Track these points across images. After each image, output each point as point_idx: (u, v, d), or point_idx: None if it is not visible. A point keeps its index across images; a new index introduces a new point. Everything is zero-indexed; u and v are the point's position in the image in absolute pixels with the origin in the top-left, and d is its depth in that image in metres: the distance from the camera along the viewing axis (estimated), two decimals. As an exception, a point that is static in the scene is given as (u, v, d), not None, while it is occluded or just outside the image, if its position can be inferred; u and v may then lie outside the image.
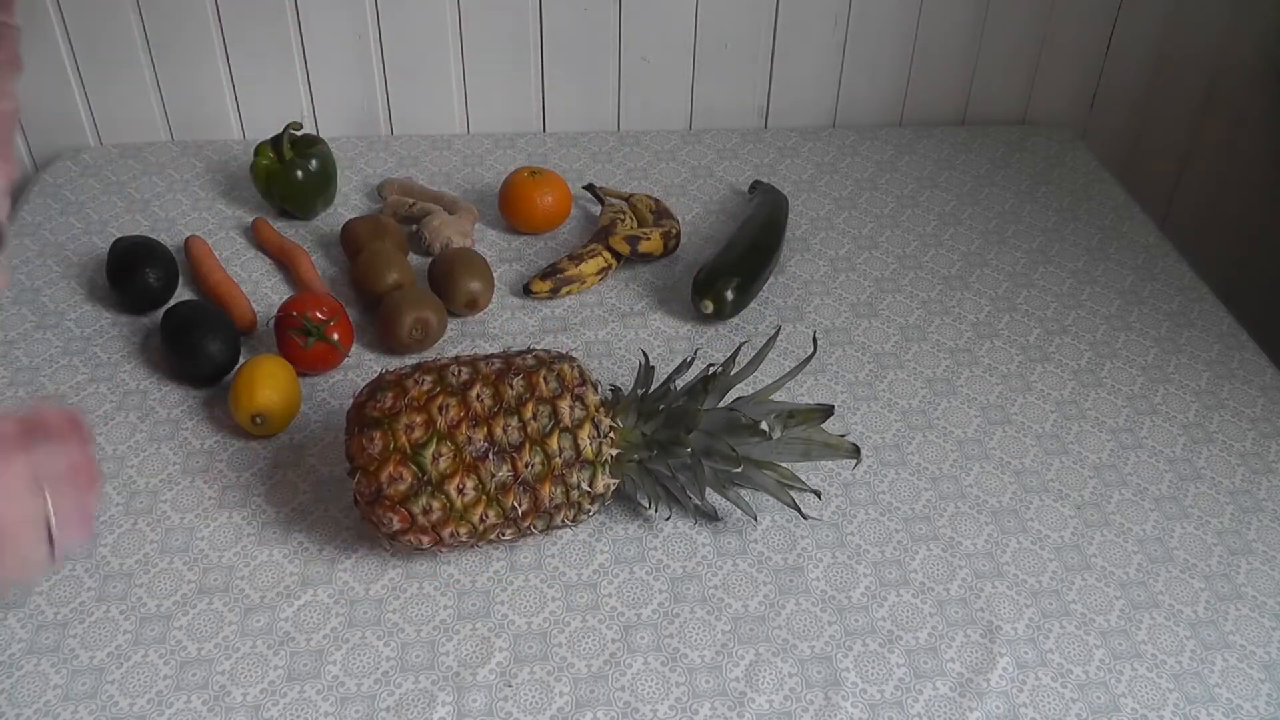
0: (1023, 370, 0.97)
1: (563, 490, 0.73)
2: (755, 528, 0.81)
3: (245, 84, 1.22)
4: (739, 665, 0.71)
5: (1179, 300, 1.07)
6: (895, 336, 1.00)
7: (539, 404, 0.72)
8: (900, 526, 0.82)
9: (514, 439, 0.71)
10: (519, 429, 0.71)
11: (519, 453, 0.71)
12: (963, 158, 1.29)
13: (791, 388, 0.93)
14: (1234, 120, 1.41)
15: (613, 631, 0.73)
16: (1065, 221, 1.18)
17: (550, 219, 1.10)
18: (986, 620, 0.75)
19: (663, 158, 1.25)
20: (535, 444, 0.71)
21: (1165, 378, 0.97)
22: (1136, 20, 1.30)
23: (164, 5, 1.15)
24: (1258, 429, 0.92)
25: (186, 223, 1.10)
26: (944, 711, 0.69)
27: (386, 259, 0.98)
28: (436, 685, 0.69)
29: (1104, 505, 0.84)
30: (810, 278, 1.07)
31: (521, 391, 0.72)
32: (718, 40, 1.26)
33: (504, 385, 0.72)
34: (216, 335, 0.90)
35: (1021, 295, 1.06)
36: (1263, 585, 0.79)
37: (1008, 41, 1.30)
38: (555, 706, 0.68)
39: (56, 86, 1.18)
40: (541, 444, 0.72)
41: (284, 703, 0.68)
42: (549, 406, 0.72)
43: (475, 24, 1.21)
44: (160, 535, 0.78)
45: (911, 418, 0.91)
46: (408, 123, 1.27)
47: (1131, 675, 0.72)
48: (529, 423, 0.72)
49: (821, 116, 1.34)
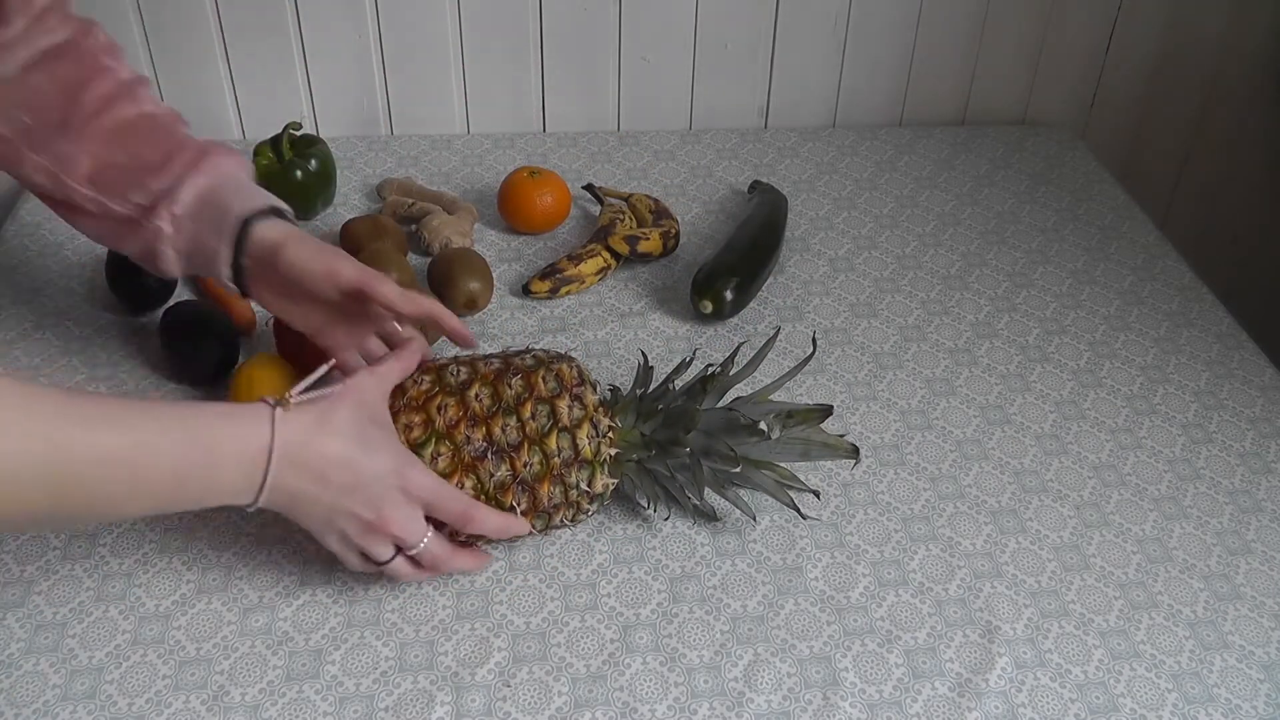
0: (1022, 370, 0.97)
1: (561, 490, 0.73)
2: (754, 528, 0.81)
3: (245, 84, 1.22)
4: (738, 665, 0.71)
5: (1178, 300, 1.07)
6: (895, 336, 1.00)
7: (537, 404, 0.72)
8: (899, 526, 0.82)
9: (512, 439, 0.71)
10: (517, 429, 0.71)
11: (517, 452, 0.71)
12: (962, 158, 1.29)
13: (791, 388, 0.93)
14: (1234, 120, 1.40)
15: (611, 631, 0.73)
16: (1065, 221, 1.18)
17: (550, 219, 1.10)
18: (985, 620, 0.75)
19: (662, 158, 1.25)
20: (534, 444, 0.71)
21: (1164, 378, 0.97)
22: (1136, 20, 1.30)
23: (164, 5, 1.15)
24: (1257, 429, 0.92)
25: (186, 223, 1.10)
26: (943, 711, 0.69)
27: (386, 259, 0.98)
28: (435, 685, 0.69)
29: (1103, 505, 0.84)
30: (810, 278, 1.07)
31: (520, 391, 0.72)
32: (718, 40, 1.26)
33: (502, 385, 0.72)
34: (216, 335, 0.90)
35: (1021, 295, 1.06)
36: (1262, 585, 0.79)
37: (1008, 41, 1.30)
38: (554, 706, 0.68)
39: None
40: (540, 444, 0.72)
41: (283, 702, 0.68)
42: (548, 406, 0.72)
43: (475, 24, 1.21)
44: (159, 535, 0.78)
45: (911, 418, 0.91)
46: (408, 123, 1.27)
47: (1130, 675, 0.72)
48: (527, 422, 0.72)
49: (821, 116, 1.34)
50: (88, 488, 0.57)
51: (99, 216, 0.77)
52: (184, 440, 0.60)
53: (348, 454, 0.65)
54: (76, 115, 0.76)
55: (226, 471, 0.62)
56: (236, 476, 0.62)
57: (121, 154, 0.76)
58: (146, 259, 0.78)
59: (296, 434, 0.64)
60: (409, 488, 0.68)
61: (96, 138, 0.76)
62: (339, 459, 0.65)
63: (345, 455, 0.65)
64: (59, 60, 0.78)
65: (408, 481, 0.68)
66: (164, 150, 0.77)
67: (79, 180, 0.76)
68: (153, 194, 0.75)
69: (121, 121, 0.78)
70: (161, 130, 0.79)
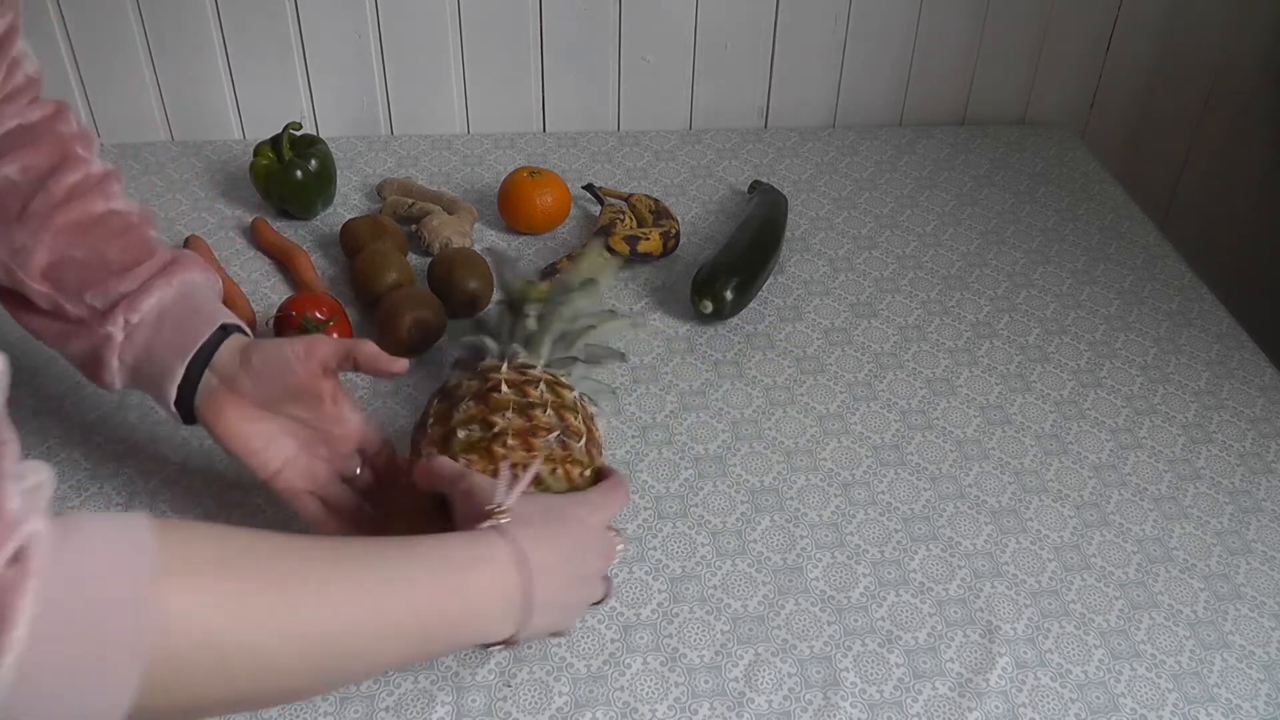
0: (1022, 370, 0.97)
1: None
2: (754, 528, 0.81)
3: (245, 84, 1.22)
4: (738, 665, 0.71)
5: (1178, 300, 1.07)
6: (895, 336, 1.00)
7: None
8: (899, 526, 0.82)
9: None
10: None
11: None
12: (962, 158, 1.29)
13: (790, 387, 0.93)
14: (1234, 120, 1.41)
15: (612, 631, 0.73)
16: (1065, 221, 1.18)
17: (550, 219, 1.10)
18: (986, 620, 0.75)
19: (662, 158, 1.25)
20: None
21: (1165, 378, 0.97)
22: (1136, 20, 1.31)
23: (164, 5, 1.15)
24: (1257, 429, 0.92)
25: (186, 223, 1.10)
26: (943, 711, 0.69)
27: (386, 259, 0.98)
28: (436, 685, 0.69)
29: (1103, 505, 0.84)
30: (810, 278, 1.07)
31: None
32: (718, 40, 1.26)
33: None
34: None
35: (1021, 295, 1.06)
36: (1262, 585, 0.79)
37: (1008, 42, 1.30)
38: (554, 706, 0.68)
39: (56, 86, 1.18)
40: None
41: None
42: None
43: (475, 24, 1.21)
44: (160, 535, 0.78)
45: (911, 418, 0.91)
46: (408, 123, 1.27)
47: (1131, 675, 0.72)
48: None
49: (821, 116, 1.34)
50: (343, 666, 0.56)
51: (49, 315, 0.72)
52: (442, 610, 0.58)
53: (554, 540, 0.64)
54: (41, 204, 0.71)
55: (490, 619, 0.60)
56: (497, 615, 0.61)
57: (82, 250, 0.71)
58: (87, 365, 0.73)
59: (529, 550, 0.61)
60: (593, 521, 0.67)
61: (59, 230, 0.71)
62: (555, 552, 0.63)
63: (555, 546, 0.64)
64: (29, 145, 0.73)
65: (589, 516, 0.67)
66: (131, 253, 0.72)
67: (33, 274, 0.71)
68: (111, 298, 0.70)
69: (87, 216, 0.73)
70: (131, 231, 0.74)
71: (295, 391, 0.71)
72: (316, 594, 0.53)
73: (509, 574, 0.60)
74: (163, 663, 0.46)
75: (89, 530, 0.46)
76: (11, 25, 0.71)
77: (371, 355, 0.71)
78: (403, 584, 0.57)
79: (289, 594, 0.52)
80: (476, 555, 0.60)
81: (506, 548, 0.60)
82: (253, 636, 0.50)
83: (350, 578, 0.55)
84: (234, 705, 0.52)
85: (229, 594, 0.50)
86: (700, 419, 0.90)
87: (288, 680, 0.53)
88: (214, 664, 0.49)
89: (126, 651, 0.45)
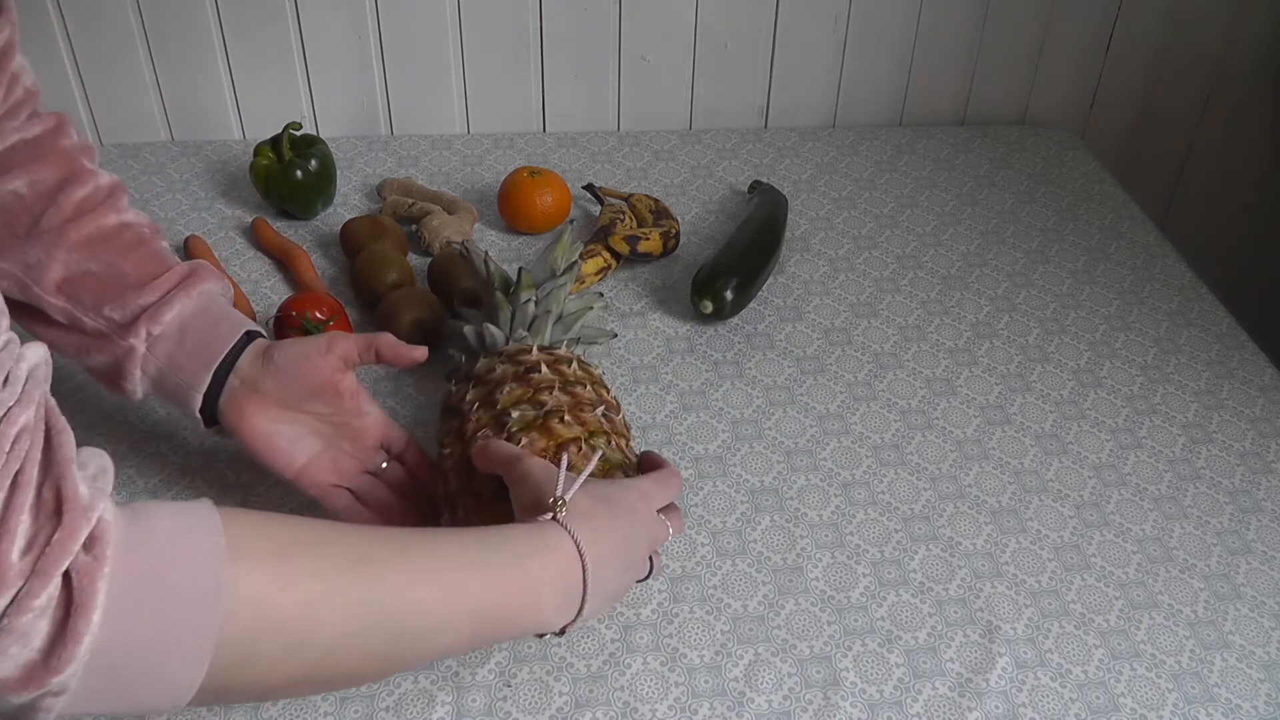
0: (1022, 370, 0.97)
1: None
2: (754, 528, 0.81)
3: (245, 84, 1.22)
4: (738, 665, 0.71)
5: (1178, 300, 1.07)
6: (895, 336, 1.00)
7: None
8: (899, 526, 0.82)
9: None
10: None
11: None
12: (962, 158, 1.29)
13: (790, 387, 0.93)
14: (1234, 120, 1.41)
15: (612, 631, 0.73)
16: (1065, 222, 1.18)
17: (550, 219, 1.11)
18: (986, 620, 0.75)
19: (662, 158, 1.25)
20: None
21: (1164, 377, 0.97)
22: (1136, 20, 1.31)
23: (164, 5, 1.15)
24: (1257, 429, 0.92)
25: (186, 222, 1.10)
26: (943, 711, 0.69)
27: (386, 259, 0.98)
28: (436, 685, 0.69)
29: (1103, 505, 0.84)
30: (810, 278, 1.07)
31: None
32: (718, 40, 1.26)
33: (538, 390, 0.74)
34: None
35: (1021, 295, 1.06)
36: (1262, 585, 0.79)
37: (1008, 41, 1.30)
38: (554, 706, 0.68)
39: (56, 86, 1.18)
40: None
41: (284, 702, 0.68)
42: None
43: (475, 24, 1.21)
44: (160, 535, 0.78)
45: (911, 418, 0.91)
46: (407, 123, 1.27)
47: (1131, 675, 0.72)
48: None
49: (821, 116, 1.34)
50: (405, 648, 0.56)
51: (66, 328, 0.72)
52: (515, 590, 0.59)
53: (611, 533, 0.63)
54: (52, 219, 0.72)
55: (549, 610, 0.60)
56: (557, 607, 0.60)
57: (98, 264, 0.72)
58: (107, 376, 0.74)
59: (587, 544, 0.61)
60: (643, 510, 0.66)
61: (73, 245, 0.72)
62: (610, 545, 0.63)
63: (611, 539, 0.63)
64: (34, 160, 0.73)
65: (640, 504, 0.66)
66: (147, 266, 0.73)
67: (48, 289, 0.71)
68: (132, 311, 0.71)
69: (100, 230, 0.73)
70: (144, 244, 0.75)
71: (316, 388, 0.72)
72: (385, 577, 0.54)
73: (572, 568, 0.60)
74: (231, 646, 0.47)
75: (157, 516, 0.47)
76: (9, 39, 0.70)
77: (393, 345, 0.73)
78: (472, 569, 0.57)
79: (359, 576, 0.53)
80: (540, 547, 0.60)
81: (568, 541, 0.61)
82: (320, 618, 0.51)
83: (419, 563, 0.56)
84: (296, 688, 0.53)
85: (298, 577, 0.50)
86: (700, 419, 0.90)
87: (351, 663, 0.54)
88: (281, 647, 0.49)
89: (196, 635, 0.46)
